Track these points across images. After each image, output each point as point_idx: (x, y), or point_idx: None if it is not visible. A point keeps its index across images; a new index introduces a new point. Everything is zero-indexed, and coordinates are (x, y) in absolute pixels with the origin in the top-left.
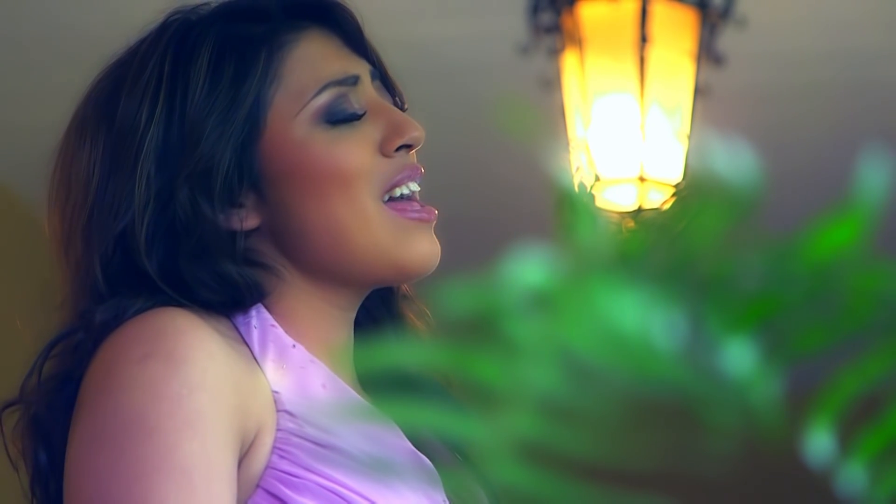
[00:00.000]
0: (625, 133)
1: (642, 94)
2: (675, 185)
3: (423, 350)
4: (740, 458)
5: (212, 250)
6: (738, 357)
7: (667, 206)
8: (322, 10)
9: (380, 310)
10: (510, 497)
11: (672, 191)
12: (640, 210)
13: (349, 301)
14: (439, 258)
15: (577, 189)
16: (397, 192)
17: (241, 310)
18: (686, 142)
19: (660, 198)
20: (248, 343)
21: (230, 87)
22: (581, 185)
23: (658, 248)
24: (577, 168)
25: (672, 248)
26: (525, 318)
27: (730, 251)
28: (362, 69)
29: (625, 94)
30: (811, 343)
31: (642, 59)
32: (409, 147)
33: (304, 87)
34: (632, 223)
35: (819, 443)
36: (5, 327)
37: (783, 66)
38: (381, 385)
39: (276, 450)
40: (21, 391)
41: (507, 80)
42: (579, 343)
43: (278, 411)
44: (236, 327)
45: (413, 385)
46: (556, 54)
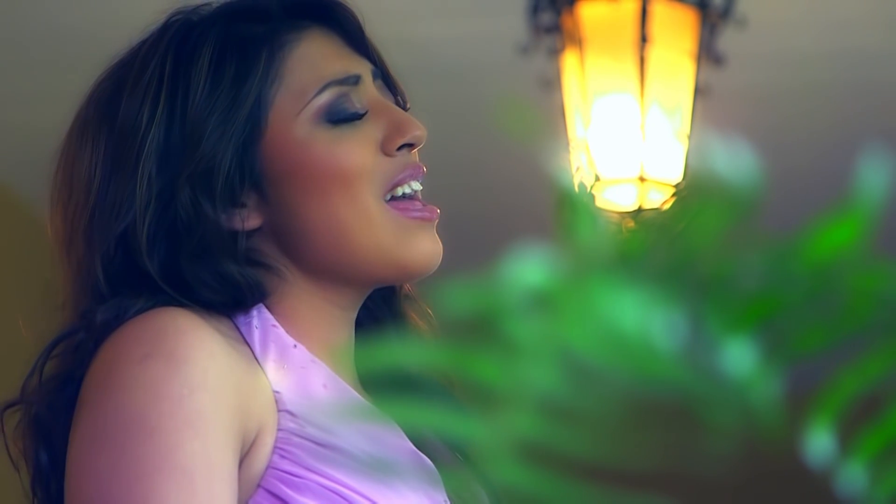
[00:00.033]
0: (625, 133)
1: (642, 94)
2: (675, 185)
3: (423, 350)
4: (740, 458)
5: (213, 250)
6: (738, 357)
7: (667, 206)
8: (323, 9)
9: (382, 309)
10: (510, 497)
11: (672, 191)
12: (640, 210)
13: (351, 301)
14: (441, 257)
15: (577, 189)
16: (399, 192)
17: (242, 310)
18: (686, 142)
19: (660, 198)
20: (249, 343)
21: (231, 86)
22: (581, 185)
23: (658, 248)
24: (577, 168)
25: (672, 248)
26: (525, 318)
27: (730, 251)
28: (364, 69)
29: (625, 94)
30: (811, 343)
31: (642, 59)
32: (410, 146)
33: (305, 86)
34: (632, 223)
35: (819, 443)
36: (6, 327)
37: (783, 66)
38: (381, 385)
39: (277, 450)
40: (22, 391)
41: (507, 80)
42: (579, 343)
43: (279, 411)
44: (237, 327)
45: (414, 385)
46: (556, 54)
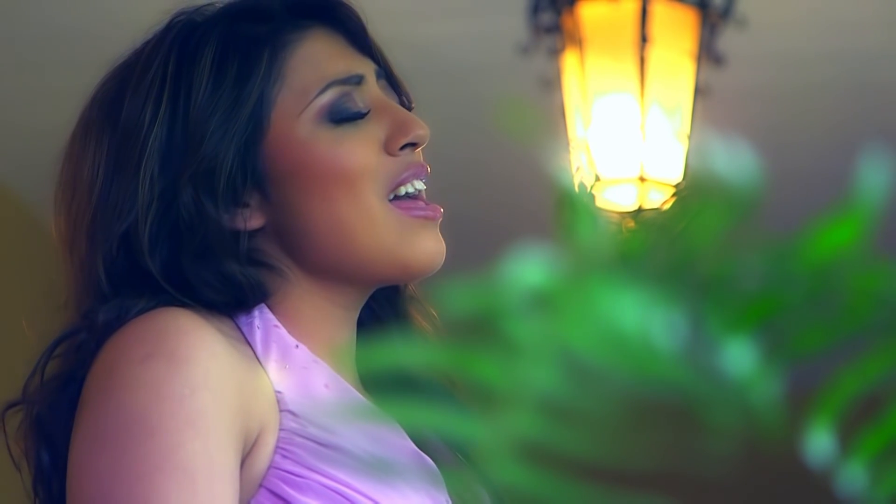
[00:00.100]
0: (625, 133)
1: (642, 94)
2: (675, 185)
3: (423, 350)
4: (740, 458)
5: (215, 250)
6: (738, 357)
7: (667, 206)
8: (326, 9)
9: (384, 309)
10: (511, 497)
11: (672, 191)
12: (640, 210)
13: (353, 301)
14: (444, 257)
15: (577, 189)
16: (402, 191)
17: (244, 310)
18: (686, 142)
19: (660, 198)
20: (250, 343)
21: (233, 86)
22: (581, 185)
23: (658, 248)
24: (577, 168)
25: (672, 248)
26: (525, 318)
27: (730, 251)
28: (367, 68)
29: (625, 94)
30: (811, 343)
31: (642, 59)
32: (414, 145)
33: (307, 86)
34: (632, 223)
35: (819, 443)
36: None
37: (783, 66)
38: (382, 385)
39: (279, 449)
40: (24, 391)
41: (507, 80)
42: (579, 343)
43: (281, 411)
44: (239, 327)
45: (414, 385)
46: (556, 54)
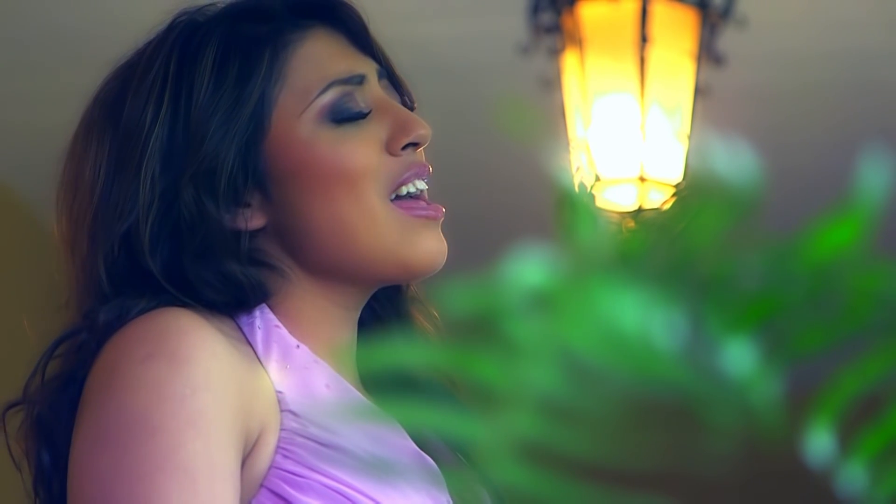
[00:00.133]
0: (625, 133)
1: (642, 94)
2: (675, 185)
3: (423, 350)
4: (740, 458)
5: (216, 250)
6: (738, 357)
7: (667, 206)
8: (327, 9)
9: (386, 310)
10: (511, 497)
11: (672, 191)
12: (640, 210)
13: (354, 301)
14: (446, 256)
15: (577, 189)
16: (404, 191)
17: (244, 310)
18: (686, 142)
19: (660, 198)
20: (251, 343)
21: (234, 86)
22: (581, 185)
23: (658, 248)
24: (577, 168)
25: (672, 248)
26: (525, 318)
27: (730, 251)
28: (368, 68)
29: (625, 94)
30: (811, 343)
31: (642, 59)
32: (415, 145)
33: (308, 85)
34: (632, 223)
35: (819, 443)
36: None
37: (783, 66)
38: (382, 385)
39: (280, 449)
40: (24, 391)
41: (507, 80)
42: (579, 343)
43: (282, 411)
44: (240, 328)
45: (414, 385)
46: (556, 54)
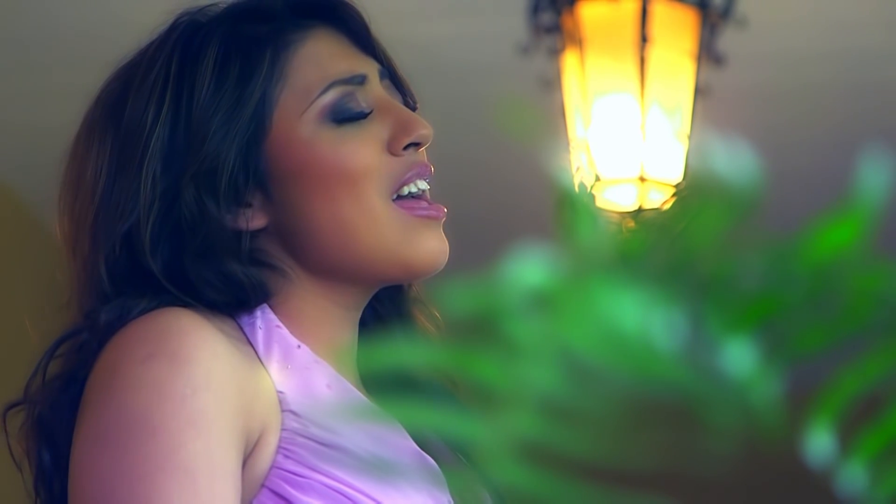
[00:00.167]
0: (625, 133)
1: (642, 94)
2: (675, 185)
3: (423, 350)
4: (740, 458)
5: (217, 250)
6: (738, 357)
7: (667, 206)
8: (329, 9)
9: (387, 310)
10: (512, 497)
11: (672, 191)
12: (640, 210)
13: (355, 301)
14: (447, 256)
15: (577, 189)
16: (405, 191)
17: (245, 310)
18: (686, 142)
19: (660, 198)
20: (252, 343)
21: (235, 86)
22: (581, 185)
23: (658, 248)
24: (577, 168)
25: (672, 248)
26: (525, 318)
27: (730, 251)
28: (370, 68)
29: (625, 94)
30: (811, 343)
31: (642, 59)
32: (417, 145)
33: (310, 85)
34: (632, 223)
35: (819, 443)
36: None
37: (783, 66)
38: (382, 385)
39: (281, 449)
40: (25, 391)
41: (507, 80)
42: (579, 343)
43: (283, 411)
44: (241, 328)
45: (415, 385)
46: (556, 54)
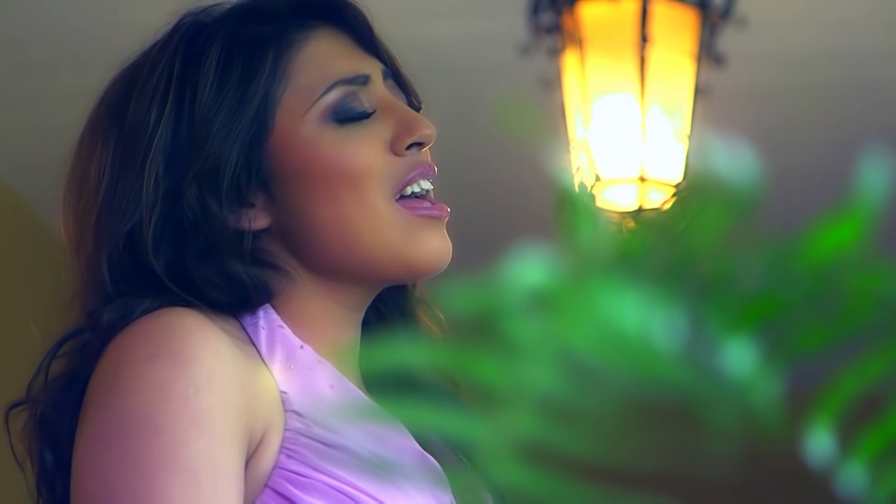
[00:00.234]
0: (625, 133)
1: (642, 94)
2: (676, 185)
3: (423, 350)
4: (740, 458)
5: (220, 250)
6: (738, 357)
7: (667, 206)
8: (332, 9)
9: (390, 310)
10: (512, 497)
11: (672, 191)
12: (640, 210)
13: (358, 301)
14: (450, 256)
15: (577, 189)
16: (408, 191)
17: (248, 310)
18: (686, 142)
19: (660, 198)
20: (255, 343)
21: (238, 86)
22: (581, 185)
23: (658, 248)
24: (578, 168)
25: (672, 248)
26: (525, 318)
27: (730, 251)
28: (373, 68)
29: (625, 94)
30: (811, 343)
31: (642, 59)
32: (420, 145)
33: (312, 85)
34: (632, 223)
35: (819, 443)
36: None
37: (783, 66)
38: (383, 385)
39: (283, 449)
40: (28, 391)
41: (507, 80)
42: (579, 343)
43: (286, 411)
44: (244, 328)
45: (415, 385)
46: (556, 54)
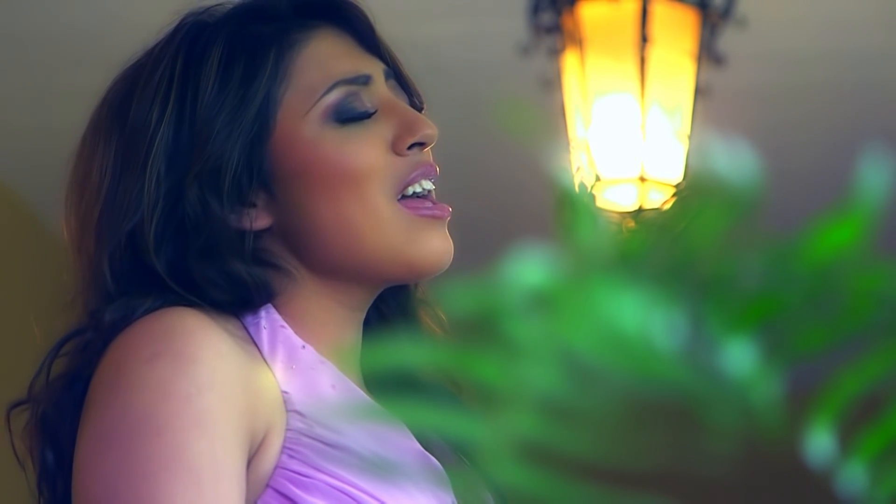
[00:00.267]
0: (625, 133)
1: (642, 94)
2: (676, 185)
3: (424, 350)
4: (740, 458)
5: (221, 249)
6: (739, 357)
7: (667, 206)
8: (334, 9)
9: (392, 310)
10: (513, 497)
11: (672, 191)
12: (640, 210)
13: (360, 301)
14: (452, 256)
15: (577, 189)
16: (410, 191)
17: (250, 310)
18: (686, 142)
19: (660, 198)
20: (257, 343)
21: (240, 85)
22: (581, 185)
23: (658, 248)
24: (578, 168)
25: (672, 248)
26: (525, 318)
27: (730, 251)
28: (375, 68)
29: (625, 94)
30: (811, 343)
31: (643, 59)
32: (421, 145)
33: (314, 85)
34: (632, 223)
35: (819, 443)
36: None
37: (783, 66)
38: (384, 385)
39: (285, 449)
40: (29, 390)
41: (507, 80)
42: (579, 343)
43: (288, 411)
44: (245, 327)
45: (416, 385)
46: (556, 54)
